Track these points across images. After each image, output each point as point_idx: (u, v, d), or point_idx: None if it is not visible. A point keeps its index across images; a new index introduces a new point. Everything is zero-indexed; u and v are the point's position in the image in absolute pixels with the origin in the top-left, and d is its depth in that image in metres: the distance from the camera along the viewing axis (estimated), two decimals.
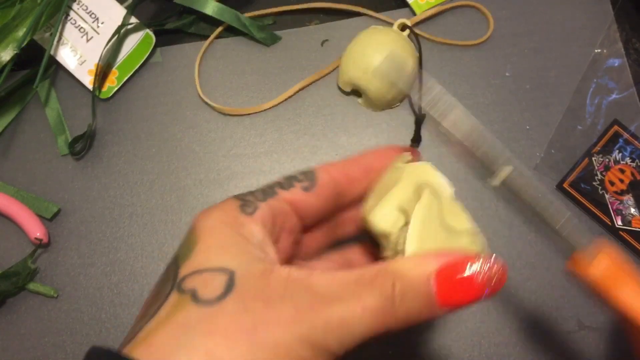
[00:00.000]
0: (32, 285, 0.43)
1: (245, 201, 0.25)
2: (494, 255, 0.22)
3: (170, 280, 0.23)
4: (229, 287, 0.21)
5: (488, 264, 0.22)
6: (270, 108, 0.47)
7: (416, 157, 0.30)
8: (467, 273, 0.22)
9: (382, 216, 0.26)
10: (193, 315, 0.20)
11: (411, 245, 0.25)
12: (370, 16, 0.48)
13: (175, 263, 0.23)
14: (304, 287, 0.21)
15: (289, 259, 0.28)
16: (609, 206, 0.43)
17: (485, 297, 0.22)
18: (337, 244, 0.31)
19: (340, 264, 0.31)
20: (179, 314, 0.21)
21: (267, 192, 0.26)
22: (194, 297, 0.21)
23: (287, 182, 0.26)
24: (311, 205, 0.27)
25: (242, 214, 0.24)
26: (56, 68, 0.48)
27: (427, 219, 0.25)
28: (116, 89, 0.47)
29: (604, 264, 0.24)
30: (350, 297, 0.21)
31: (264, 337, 0.20)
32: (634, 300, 0.24)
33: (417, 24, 0.47)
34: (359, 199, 0.29)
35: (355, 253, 0.31)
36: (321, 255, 0.31)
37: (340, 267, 0.31)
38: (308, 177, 0.27)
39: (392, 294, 0.21)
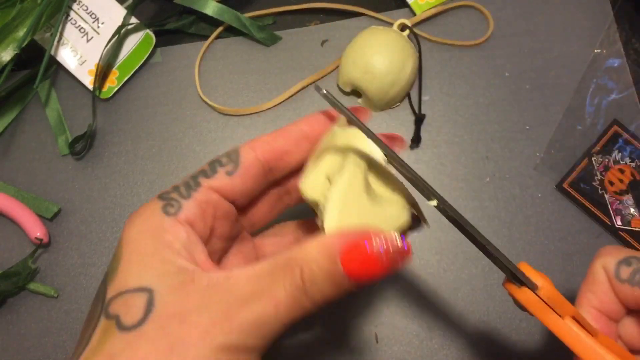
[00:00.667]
0: (32, 285, 0.43)
1: (169, 200, 0.25)
2: (395, 233, 0.23)
3: (100, 302, 0.23)
4: (149, 308, 0.22)
5: (389, 241, 0.23)
6: (270, 108, 0.47)
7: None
8: (370, 251, 0.23)
9: (310, 184, 0.26)
10: (117, 344, 0.21)
11: (330, 220, 0.25)
12: (370, 16, 0.48)
13: (104, 282, 0.24)
14: (222, 292, 0.22)
15: (231, 240, 0.29)
16: (609, 206, 0.43)
17: (391, 271, 0.23)
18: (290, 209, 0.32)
19: (284, 235, 0.32)
20: (106, 344, 0.22)
21: (190, 185, 0.26)
22: (118, 323, 0.22)
23: (211, 168, 0.26)
24: (238, 189, 0.27)
25: (166, 217, 0.24)
26: (56, 68, 0.48)
27: (350, 188, 0.25)
28: (116, 89, 0.47)
29: (529, 292, 0.27)
30: (262, 294, 0.22)
31: (180, 358, 0.21)
32: (557, 330, 0.27)
33: (417, 24, 0.47)
34: (300, 168, 0.28)
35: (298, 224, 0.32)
36: (270, 228, 0.32)
37: (281, 239, 0.31)
38: (232, 158, 0.27)
39: (301, 283, 0.22)
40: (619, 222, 0.43)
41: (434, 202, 0.26)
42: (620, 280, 0.27)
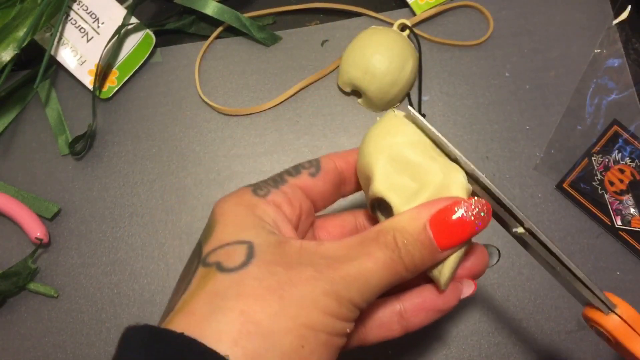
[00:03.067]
0: (32, 285, 0.43)
1: (258, 186, 0.27)
2: (475, 197, 0.25)
3: (196, 259, 0.24)
4: (250, 255, 0.23)
5: (472, 204, 0.25)
6: (270, 108, 0.47)
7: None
8: (456, 216, 0.24)
9: (382, 182, 0.28)
10: (221, 283, 0.22)
11: (396, 202, 0.26)
12: (370, 16, 0.48)
13: (199, 245, 0.25)
14: (317, 254, 0.23)
15: (310, 235, 0.30)
16: (609, 206, 0.43)
17: (477, 231, 0.25)
18: None
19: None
20: (208, 284, 0.22)
21: (277, 180, 0.28)
22: (219, 267, 0.23)
23: (295, 169, 0.28)
24: (319, 189, 0.29)
25: (255, 196, 0.26)
26: (56, 68, 0.48)
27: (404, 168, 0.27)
28: (116, 89, 0.47)
29: (617, 318, 0.26)
30: (360, 255, 0.23)
31: (291, 294, 0.22)
32: None
33: (417, 24, 0.47)
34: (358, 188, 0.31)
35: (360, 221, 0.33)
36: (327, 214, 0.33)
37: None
38: (313, 164, 0.29)
39: (396, 246, 0.24)
40: (619, 222, 0.43)
41: (521, 230, 0.27)
42: None
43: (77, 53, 0.47)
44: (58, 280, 0.44)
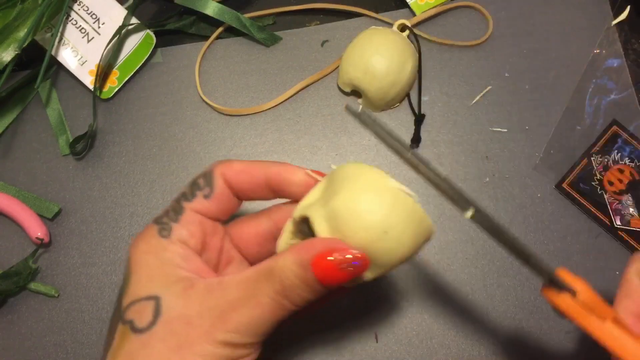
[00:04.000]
0: (33, 285, 0.43)
1: (162, 225, 0.29)
2: (353, 250, 0.26)
3: (117, 312, 0.27)
4: (157, 313, 0.26)
5: (344, 254, 0.26)
6: (270, 108, 0.47)
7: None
8: (334, 262, 0.26)
9: (304, 204, 0.29)
10: (134, 344, 0.26)
11: (320, 231, 0.27)
12: (370, 17, 0.48)
13: (119, 296, 0.28)
14: (217, 296, 0.26)
15: (227, 251, 0.32)
16: (608, 206, 0.43)
17: (355, 275, 0.26)
18: None
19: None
20: (125, 345, 0.26)
21: (177, 209, 0.29)
22: (132, 327, 0.26)
23: (191, 191, 0.30)
24: (215, 209, 0.30)
25: (161, 239, 0.28)
26: (57, 68, 0.48)
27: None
28: (117, 89, 0.47)
29: (570, 297, 0.27)
30: (250, 299, 0.26)
31: (189, 353, 0.25)
32: (599, 334, 0.27)
33: (416, 24, 0.48)
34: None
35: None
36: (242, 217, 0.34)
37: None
38: (207, 181, 0.30)
39: (281, 289, 0.26)
40: (618, 222, 0.43)
41: (470, 213, 0.26)
42: None
43: (78, 53, 0.47)
44: (59, 280, 0.44)
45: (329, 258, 0.26)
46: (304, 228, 0.29)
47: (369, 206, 0.26)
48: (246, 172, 0.30)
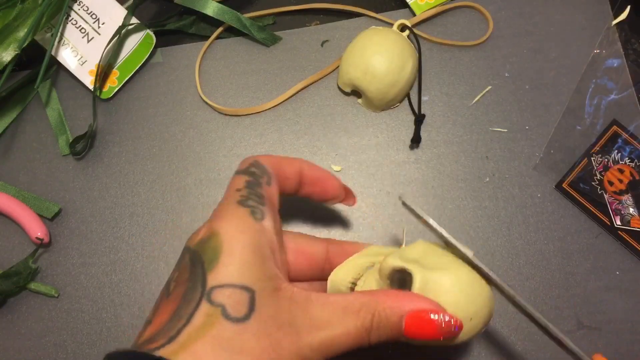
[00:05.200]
0: (33, 285, 0.43)
1: (252, 207, 0.28)
2: (454, 317, 0.28)
3: (199, 286, 0.26)
4: (251, 307, 0.25)
5: (447, 317, 0.27)
6: (270, 108, 0.47)
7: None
8: (430, 322, 0.27)
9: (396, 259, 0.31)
10: (225, 331, 0.24)
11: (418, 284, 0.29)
12: (370, 17, 0.48)
13: (202, 266, 0.26)
14: (304, 311, 0.26)
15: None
16: (608, 206, 0.43)
17: (442, 339, 0.28)
18: None
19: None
20: (213, 328, 0.24)
21: (259, 194, 0.29)
22: (224, 312, 0.25)
23: (255, 178, 0.30)
24: (275, 197, 0.31)
25: (255, 222, 0.27)
26: (57, 68, 0.48)
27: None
28: (117, 89, 0.47)
29: None
30: (338, 324, 0.27)
31: (278, 355, 0.25)
32: None
33: (416, 24, 0.48)
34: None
35: None
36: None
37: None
38: (261, 170, 0.30)
39: (370, 326, 0.27)
40: (618, 222, 0.43)
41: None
42: None
43: (78, 53, 0.47)
44: (59, 280, 0.44)
45: (432, 316, 0.27)
46: (392, 277, 0.31)
47: (468, 295, 0.29)
48: (283, 163, 0.31)
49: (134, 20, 0.47)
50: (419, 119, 0.45)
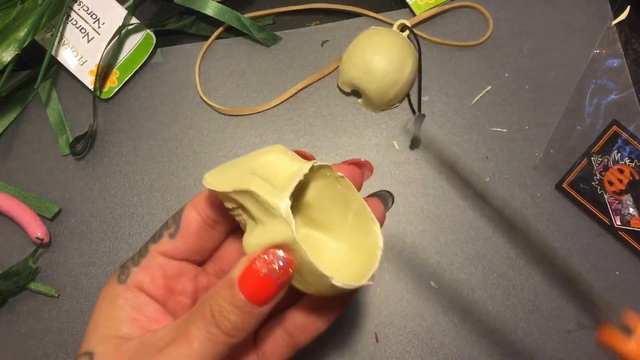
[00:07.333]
0: (33, 285, 0.43)
1: (123, 269, 0.28)
2: (277, 251, 0.24)
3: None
4: None
5: (266, 258, 0.24)
6: (270, 108, 0.47)
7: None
8: (260, 272, 0.24)
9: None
10: None
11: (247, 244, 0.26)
12: (370, 17, 0.48)
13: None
14: (148, 345, 0.25)
15: (202, 289, 0.29)
16: (608, 206, 0.43)
17: (281, 286, 0.24)
18: None
19: None
20: None
21: (142, 252, 0.28)
22: None
23: (158, 233, 0.28)
24: (181, 249, 0.28)
25: (117, 285, 0.27)
26: (57, 68, 0.48)
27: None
28: (117, 89, 0.47)
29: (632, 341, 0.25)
30: (180, 337, 0.24)
31: None
32: None
33: (416, 24, 0.48)
34: None
35: None
36: None
37: None
38: (175, 219, 0.28)
39: (212, 317, 0.24)
40: (618, 222, 0.43)
41: None
42: None
43: (78, 53, 0.47)
44: (59, 280, 0.44)
45: (253, 267, 0.24)
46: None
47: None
48: (207, 199, 0.28)
49: (134, 20, 0.47)
50: (419, 119, 0.45)
